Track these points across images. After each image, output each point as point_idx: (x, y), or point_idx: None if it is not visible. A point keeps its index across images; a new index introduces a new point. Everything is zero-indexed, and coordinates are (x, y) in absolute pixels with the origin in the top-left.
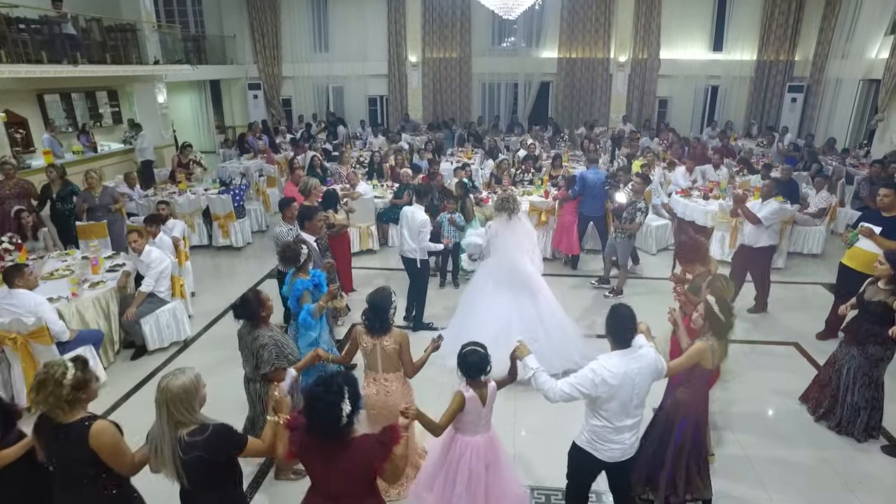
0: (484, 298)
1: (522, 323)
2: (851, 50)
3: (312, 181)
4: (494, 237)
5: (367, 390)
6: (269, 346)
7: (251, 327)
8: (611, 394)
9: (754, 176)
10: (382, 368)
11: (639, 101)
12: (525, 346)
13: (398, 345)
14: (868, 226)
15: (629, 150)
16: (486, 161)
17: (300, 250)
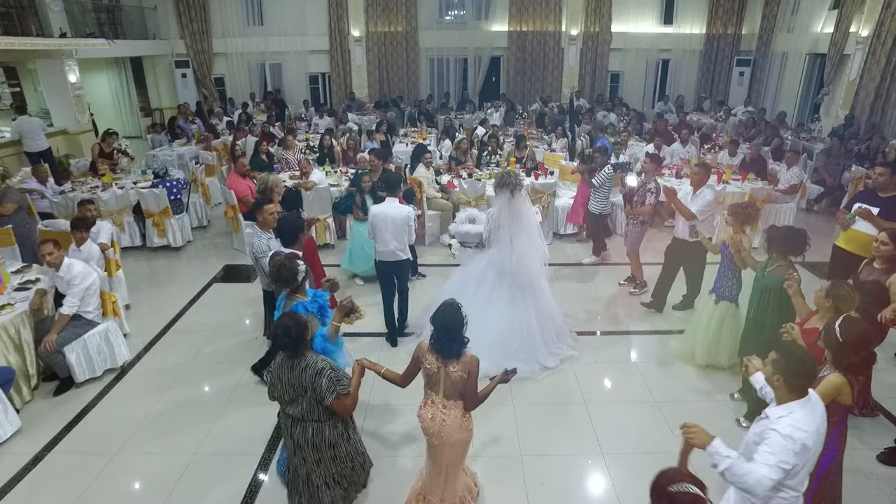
0: (480, 295)
1: (518, 321)
2: (797, 24)
3: (273, 178)
4: (497, 228)
5: (423, 412)
6: (327, 371)
7: (291, 359)
8: (807, 458)
9: (721, 153)
10: (444, 394)
11: (591, 75)
12: (703, 433)
13: (466, 373)
14: (866, 207)
15: (586, 126)
16: (442, 142)
17: (297, 268)
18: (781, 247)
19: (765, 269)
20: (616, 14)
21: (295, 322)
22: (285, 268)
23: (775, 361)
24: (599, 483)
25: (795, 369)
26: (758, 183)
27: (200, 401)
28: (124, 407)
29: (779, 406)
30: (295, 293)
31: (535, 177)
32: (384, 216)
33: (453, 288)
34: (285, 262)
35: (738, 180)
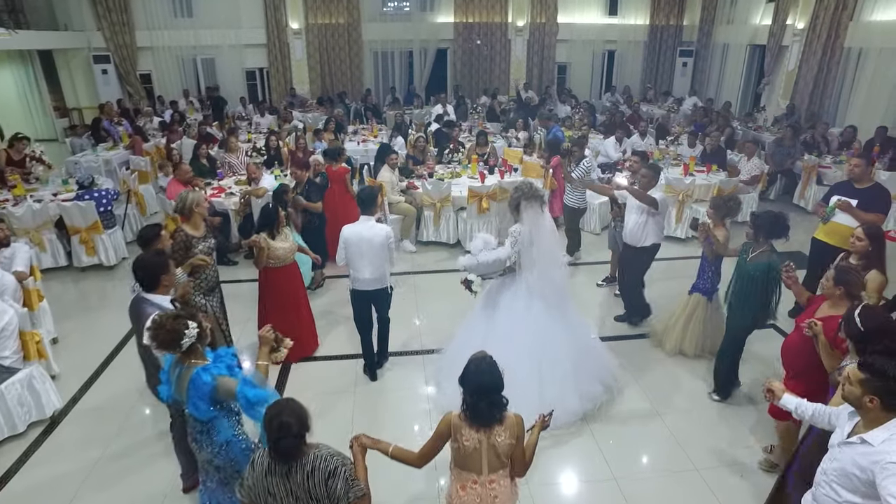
0: (517, 325)
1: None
2: (736, 16)
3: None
4: (528, 245)
5: (465, 498)
6: (340, 469)
7: (288, 463)
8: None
9: (681, 145)
10: (489, 469)
11: (539, 66)
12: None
13: (515, 438)
14: (845, 199)
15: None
16: (394, 139)
17: (182, 329)
18: (768, 233)
19: (746, 255)
20: (562, 5)
21: (295, 415)
22: (164, 330)
23: (867, 381)
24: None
25: (893, 389)
26: (721, 174)
27: (154, 449)
28: (57, 466)
29: (875, 430)
30: (188, 358)
31: (501, 175)
32: (358, 238)
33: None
34: (166, 322)
35: (702, 171)
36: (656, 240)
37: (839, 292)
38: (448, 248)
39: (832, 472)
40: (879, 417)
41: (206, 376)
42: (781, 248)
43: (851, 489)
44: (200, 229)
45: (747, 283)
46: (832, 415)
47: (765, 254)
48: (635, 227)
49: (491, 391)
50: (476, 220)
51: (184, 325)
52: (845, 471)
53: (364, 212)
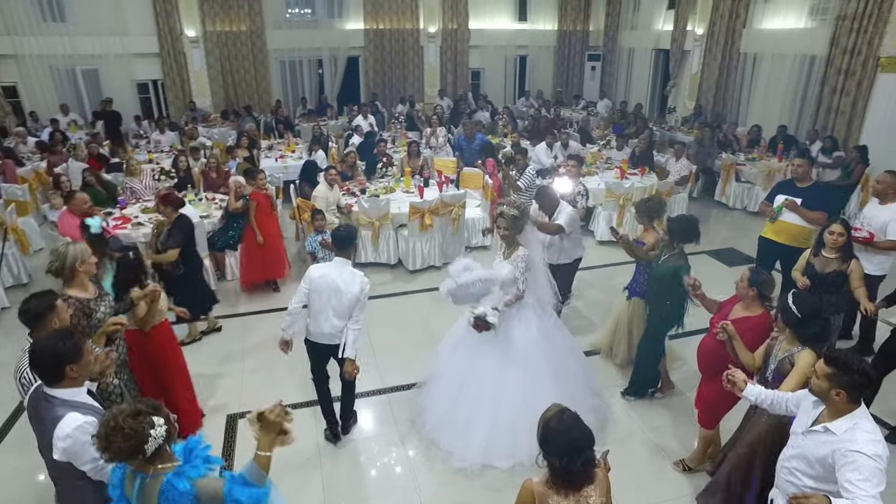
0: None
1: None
2: (639, 22)
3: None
4: (533, 266)
5: None
6: None
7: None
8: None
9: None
10: None
11: (452, 73)
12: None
13: (605, 494)
14: (792, 199)
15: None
16: (315, 153)
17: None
18: (682, 237)
19: (659, 258)
20: (473, 11)
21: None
22: (122, 435)
23: (833, 376)
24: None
25: (858, 382)
26: (653, 176)
27: None
28: None
29: (839, 419)
30: (152, 464)
31: (439, 187)
32: (327, 286)
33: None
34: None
35: (636, 174)
36: (578, 254)
37: (752, 293)
38: (390, 269)
39: (793, 460)
40: (843, 409)
41: (182, 483)
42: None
43: (812, 476)
44: (90, 289)
45: (657, 285)
46: (789, 401)
47: (673, 257)
48: (552, 247)
49: (584, 448)
50: (418, 237)
51: (147, 423)
52: (806, 458)
53: (339, 253)
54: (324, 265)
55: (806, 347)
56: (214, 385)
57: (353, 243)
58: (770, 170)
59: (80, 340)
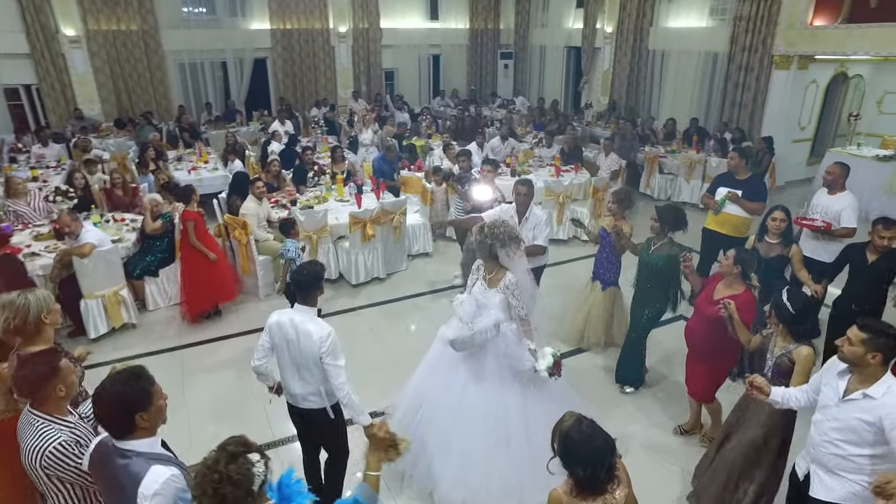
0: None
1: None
2: (549, 20)
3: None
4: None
5: None
6: None
7: None
8: None
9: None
10: None
11: (366, 74)
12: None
13: (628, 485)
14: (733, 191)
15: (391, 128)
16: (232, 163)
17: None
18: (672, 225)
19: (649, 248)
20: (384, 10)
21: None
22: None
23: (868, 340)
24: None
25: (892, 344)
26: (586, 172)
27: None
28: None
29: (874, 385)
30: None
31: (377, 195)
32: (286, 335)
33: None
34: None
35: (569, 171)
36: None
37: (737, 270)
38: (331, 284)
39: (833, 432)
40: (876, 373)
41: None
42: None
43: (858, 443)
44: (51, 340)
45: (652, 275)
46: (809, 392)
47: (665, 245)
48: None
49: (607, 454)
50: (361, 249)
51: (248, 462)
52: (851, 427)
53: (301, 300)
54: (284, 312)
55: (802, 344)
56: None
57: (318, 287)
58: (690, 161)
59: (148, 383)
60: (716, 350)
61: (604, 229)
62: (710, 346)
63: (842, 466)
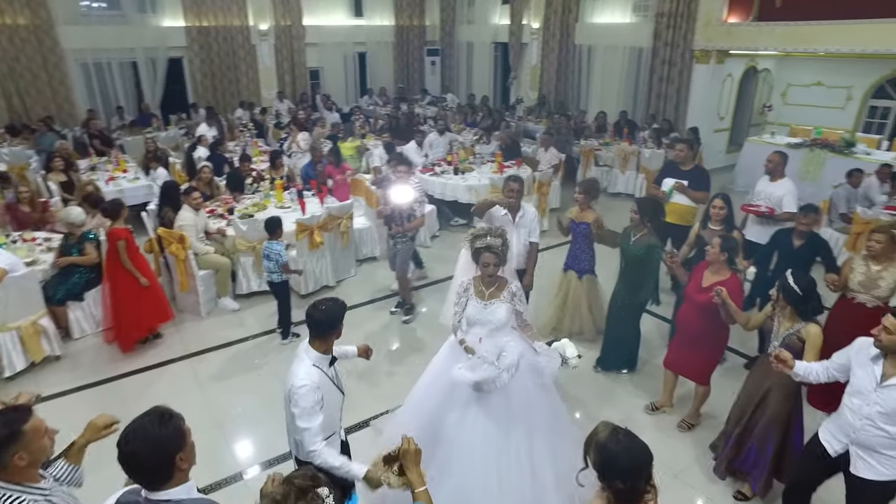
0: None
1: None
2: (475, 16)
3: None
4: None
5: None
6: None
7: None
8: None
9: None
10: None
11: (290, 73)
12: None
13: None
14: (680, 181)
15: (322, 129)
16: (155, 171)
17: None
18: (651, 216)
19: (629, 239)
20: (306, 7)
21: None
22: None
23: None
24: None
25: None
26: (527, 168)
27: None
28: None
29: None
30: None
31: (321, 199)
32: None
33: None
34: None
35: (511, 167)
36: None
37: (724, 258)
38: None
39: (876, 416)
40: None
41: None
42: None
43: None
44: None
45: (635, 264)
46: (829, 368)
47: (645, 236)
48: (524, 249)
49: (647, 464)
50: (309, 257)
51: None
52: (894, 411)
53: (311, 339)
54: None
55: (810, 322)
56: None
57: (334, 329)
58: (624, 153)
59: (179, 420)
60: (710, 335)
61: (573, 220)
62: (704, 332)
63: (886, 445)
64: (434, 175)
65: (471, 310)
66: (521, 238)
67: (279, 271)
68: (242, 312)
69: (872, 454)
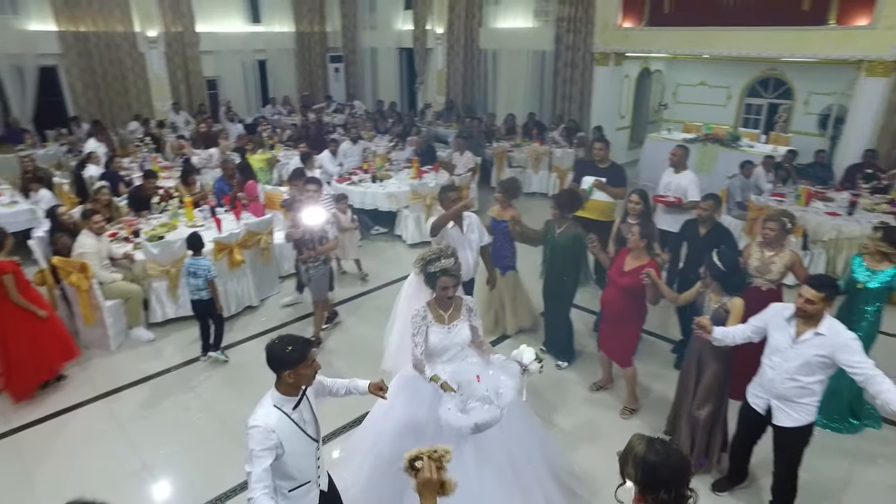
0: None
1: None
2: (378, 22)
3: None
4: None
5: None
6: None
7: None
8: None
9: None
10: None
11: (184, 83)
12: None
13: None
14: (599, 179)
15: (229, 142)
16: (36, 193)
17: None
18: (571, 207)
19: (554, 231)
20: (199, 12)
21: None
22: None
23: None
24: None
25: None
26: (444, 172)
27: None
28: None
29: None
30: None
31: (236, 215)
32: None
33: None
34: None
35: (429, 172)
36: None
37: (643, 244)
38: (195, 323)
39: (794, 370)
40: (821, 315)
41: None
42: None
43: (811, 373)
44: None
45: (562, 255)
46: (744, 331)
47: (570, 227)
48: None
49: (688, 471)
50: (229, 277)
51: None
52: (808, 362)
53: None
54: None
55: (734, 296)
56: None
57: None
58: (536, 153)
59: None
60: (632, 315)
61: (494, 219)
62: (625, 312)
63: (800, 395)
64: (352, 184)
65: (435, 337)
66: (473, 246)
67: (207, 288)
68: (159, 342)
69: (789, 404)
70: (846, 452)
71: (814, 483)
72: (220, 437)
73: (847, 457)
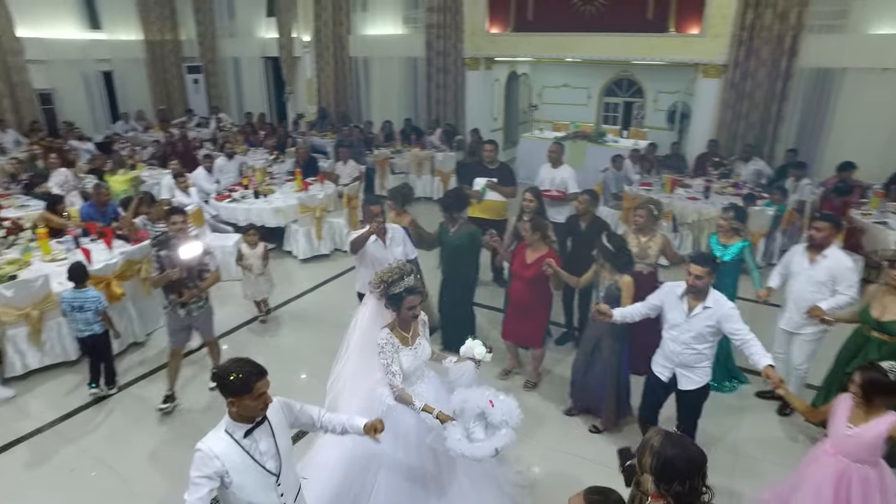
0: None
1: None
2: (238, 29)
3: None
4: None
5: None
6: None
7: None
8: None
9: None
10: None
11: (10, 97)
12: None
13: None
14: (491, 180)
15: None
16: None
17: None
18: (458, 207)
19: (447, 232)
20: (18, 16)
21: None
22: None
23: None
24: None
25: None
26: (330, 183)
27: None
28: None
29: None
30: None
31: (108, 243)
32: None
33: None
34: None
35: (314, 184)
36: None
37: (538, 236)
38: (71, 368)
39: (690, 340)
40: (707, 288)
41: None
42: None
43: (703, 341)
44: None
45: (459, 253)
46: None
47: (464, 226)
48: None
49: (703, 462)
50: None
51: None
52: (701, 332)
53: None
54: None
55: (624, 274)
56: None
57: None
58: (418, 158)
59: None
60: (539, 303)
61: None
62: (534, 301)
63: (698, 360)
64: (233, 202)
65: (407, 362)
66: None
67: (99, 320)
68: (21, 399)
69: (690, 369)
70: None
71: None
72: (122, 491)
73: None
